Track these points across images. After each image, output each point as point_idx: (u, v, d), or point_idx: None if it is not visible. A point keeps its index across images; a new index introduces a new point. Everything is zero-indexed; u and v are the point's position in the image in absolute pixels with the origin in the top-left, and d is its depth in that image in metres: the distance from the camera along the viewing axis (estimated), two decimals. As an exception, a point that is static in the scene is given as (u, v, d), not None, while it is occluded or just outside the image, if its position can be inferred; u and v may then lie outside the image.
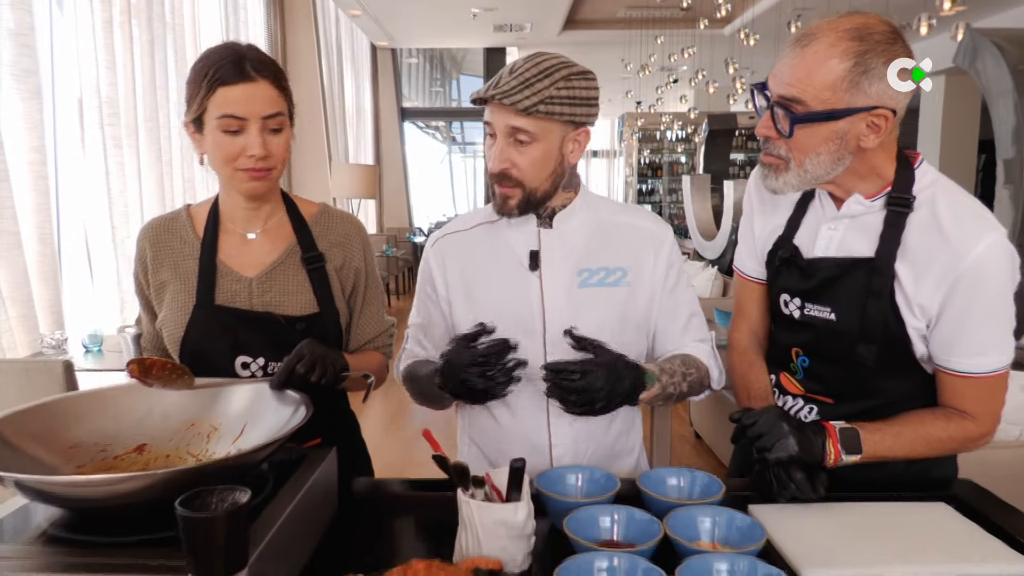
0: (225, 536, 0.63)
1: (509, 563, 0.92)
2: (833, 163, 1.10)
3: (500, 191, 1.22)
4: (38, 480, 0.76)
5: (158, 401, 1.04)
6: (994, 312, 1.08)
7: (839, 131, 1.07)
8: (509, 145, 1.19)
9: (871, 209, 1.14)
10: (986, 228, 1.07)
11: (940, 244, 1.08)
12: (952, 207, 1.10)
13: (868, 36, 1.03)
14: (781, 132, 1.09)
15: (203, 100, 1.13)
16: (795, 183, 1.13)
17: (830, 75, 1.04)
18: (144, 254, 1.27)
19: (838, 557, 0.96)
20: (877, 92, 1.04)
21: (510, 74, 1.16)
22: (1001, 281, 1.07)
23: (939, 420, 1.14)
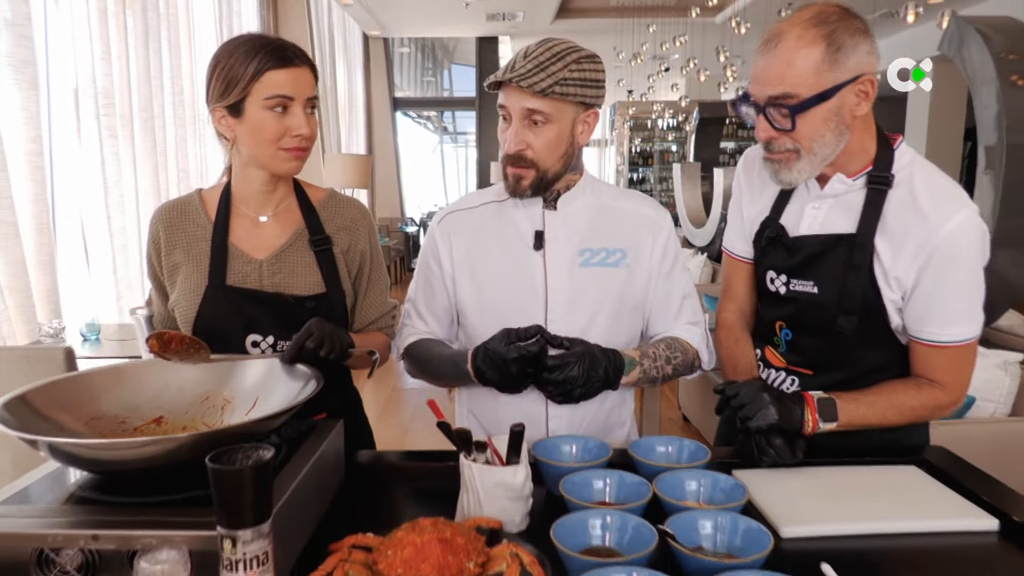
0: (252, 488, 0.69)
1: (508, 523, 0.98)
2: (837, 140, 1.16)
3: (513, 172, 1.28)
4: (70, 443, 0.82)
5: (174, 376, 1.10)
6: (964, 284, 1.15)
7: (833, 108, 1.14)
8: (524, 127, 1.25)
9: (852, 188, 1.21)
10: (959, 205, 1.13)
11: (916, 220, 1.15)
12: (928, 185, 1.17)
13: (827, 19, 1.11)
14: (782, 128, 1.15)
15: (248, 84, 1.19)
16: (809, 170, 1.19)
17: (810, 62, 1.10)
18: (157, 236, 1.32)
19: (814, 515, 1.02)
20: (855, 63, 1.12)
21: (524, 58, 1.22)
22: (971, 255, 1.14)
23: (910, 389, 1.20)
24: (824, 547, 0.95)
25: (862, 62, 1.12)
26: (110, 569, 0.80)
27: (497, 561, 0.84)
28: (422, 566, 0.80)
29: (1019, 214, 3.01)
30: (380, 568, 0.82)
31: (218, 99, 1.22)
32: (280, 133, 1.22)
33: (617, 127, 14.36)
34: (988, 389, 2.55)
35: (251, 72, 1.18)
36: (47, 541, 0.78)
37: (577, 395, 1.21)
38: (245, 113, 1.21)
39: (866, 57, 1.13)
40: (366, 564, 0.84)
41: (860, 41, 1.12)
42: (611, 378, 1.23)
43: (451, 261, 1.39)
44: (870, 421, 1.19)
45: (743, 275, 1.41)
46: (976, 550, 0.99)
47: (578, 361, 1.19)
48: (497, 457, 1.02)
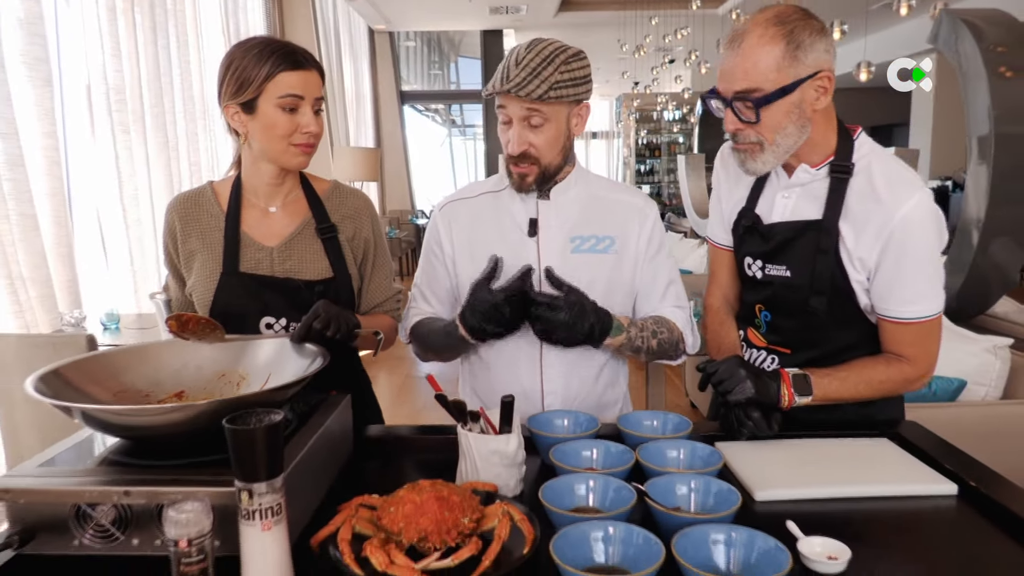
0: (264, 446, 0.77)
1: (503, 487, 1.06)
2: (799, 132, 1.24)
3: (518, 170, 1.36)
4: (103, 409, 0.91)
5: (193, 355, 1.18)
6: (922, 264, 1.23)
7: (795, 102, 1.21)
8: (525, 129, 1.33)
9: (817, 177, 1.29)
10: (913, 190, 1.21)
11: (875, 205, 1.22)
12: (885, 172, 1.24)
13: (787, 19, 1.18)
14: (747, 121, 1.23)
15: (262, 83, 1.27)
16: (772, 160, 1.27)
17: (771, 58, 1.18)
18: (173, 226, 1.41)
19: (786, 480, 1.10)
20: (813, 59, 1.19)
21: (516, 65, 1.29)
22: (926, 236, 1.22)
23: (880, 364, 1.28)
24: (794, 509, 1.03)
25: (820, 59, 1.20)
26: (140, 524, 0.89)
27: (490, 518, 0.93)
28: (421, 520, 0.88)
29: (1010, 203, 3.06)
30: (384, 523, 0.90)
31: (232, 97, 1.30)
32: (291, 130, 1.30)
33: (623, 119, 14.39)
34: (979, 373, 2.62)
35: (265, 73, 1.27)
36: (84, 497, 0.87)
37: (557, 338, 1.29)
38: (258, 111, 1.29)
39: (823, 55, 1.20)
40: (371, 520, 0.92)
41: (817, 40, 1.19)
42: (596, 334, 1.30)
43: (452, 245, 1.48)
44: (843, 395, 1.26)
45: (725, 262, 1.49)
46: (936, 512, 1.06)
47: (568, 308, 1.27)
48: (491, 427, 1.10)
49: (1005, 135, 3.02)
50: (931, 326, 1.26)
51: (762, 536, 0.83)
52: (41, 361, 2.55)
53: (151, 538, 0.89)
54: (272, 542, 0.79)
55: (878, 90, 12.03)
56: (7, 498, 0.87)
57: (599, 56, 11.94)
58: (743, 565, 0.82)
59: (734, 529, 0.85)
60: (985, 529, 1.01)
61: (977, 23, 3.01)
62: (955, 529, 1.02)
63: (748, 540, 0.83)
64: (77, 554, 0.89)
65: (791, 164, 1.31)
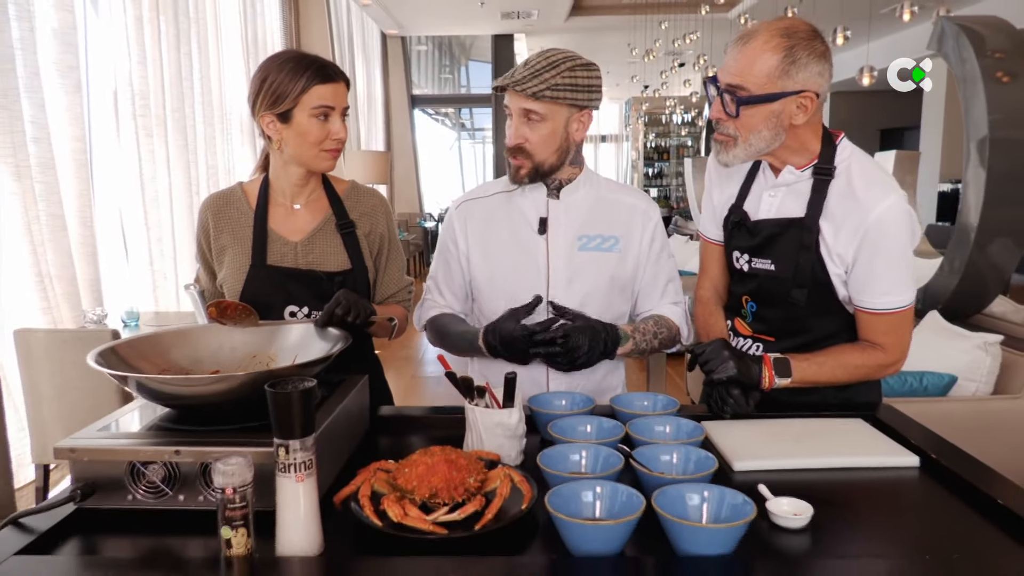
0: (300, 407, 0.89)
1: (505, 457, 1.18)
2: (772, 138, 1.35)
3: (514, 163, 1.50)
4: (155, 379, 1.03)
5: (227, 338, 1.31)
6: (895, 259, 1.34)
7: (775, 111, 1.32)
8: (522, 124, 1.46)
9: (801, 178, 1.40)
10: (887, 191, 1.32)
11: (852, 205, 1.33)
12: (863, 175, 1.35)
13: (794, 34, 1.28)
14: (729, 114, 1.34)
15: (298, 96, 1.41)
16: (742, 156, 1.38)
17: (766, 65, 1.29)
18: (206, 223, 1.54)
19: (763, 452, 1.21)
20: (803, 78, 1.29)
21: (523, 67, 1.43)
22: (898, 234, 1.33)
23: (855, 350, 1.39)
24: (768, 478, 1.13)
25: (810, 80, 1.30)
26: (186, 482, 1.01)
27: (493, 480, 1.04)
28: (432, 479, 1.00)
29: (1006, 205, 3.15)
30: (399, 482, 1.02)
31: (268, 107, 1.43)
32: (323, 137, 1.44)
33: (632, 122, 14.48)
34: (971, 369, 2.70)
35: (301, 86, 1.41)
36: (139, 456, 0.99)
37: (581, 363, 1.42)
38: (293, 120, 1.43)
39: (815, 77, 1.31)
40: (387, 481, 1.04)
41: (814, 62, 1.30)
42: (609, 348, 1.44)
43: (466, 242, 1.60)
44: (821, 378, 1.37)
45: (716, 256, 1.60)
46: (898, 481, 1.17)
47: (582, 333, 1.40)
48: (495, 402, 1.22)
49: (1001, 139, 3.12)
50: (903, 316, 1.37)
51: (731, 492, 0.94)
52: (68, 355, 2.70)
53: (195, 494, 1.01)
54: (304, 492, 0.91)
55: (890, 93, 12.08)
56: (73, 457, 0.99)
57: (609, 60, 12.05)
58: (715, 516, 0.93)
59: (707, 487, 0.96)
60: (943, 495, 1.11)
61: (975, 29, 3.10)
62: (915, 496, 1.13)
63: (719, 496, 0.94)
64: (130, 508, 1.02)
65: (777, 166, 1.43)
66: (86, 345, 2.68)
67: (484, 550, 0.93)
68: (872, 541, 0.98)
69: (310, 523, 0.92)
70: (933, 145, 9.44)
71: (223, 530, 0.88)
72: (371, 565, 0.90)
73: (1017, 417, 2.59)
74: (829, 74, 1.33)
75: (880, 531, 1.01)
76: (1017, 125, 3.06)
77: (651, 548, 0.93)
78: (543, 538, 0.98)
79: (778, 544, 0.96)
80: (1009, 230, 3.22)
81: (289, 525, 0.91)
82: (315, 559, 0.91)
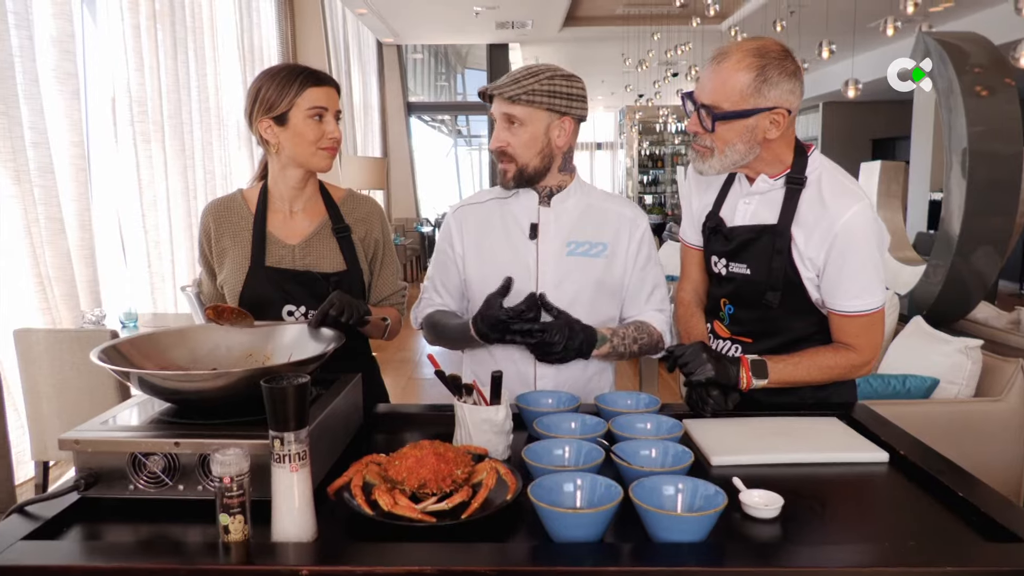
0: (294, 401, 0.94)
1: (493, 452, 1.23)
2: (746, 152, 1.41)
3: (500, 166, 1.58)
4: (156, 374, 1.08)
5: (223, 338, 1.36)
6: (863, 263, 1.40)
7: (749, 127, 1.38)
8: (504, 128, 1.54)
9: (774, 187, 1.46)
10: (853, 200, 1.38)
11: (822, 212, 1.39)
12: (831, 184, 1.41)
13: (767, 54, 1.35)
14: (706, 128, 1.40)
15: (294, 98, 1.49)
16: (718, 167, 1.45)
17: (739, 83, 1.35)
18: (208, 227, 1.59)
19: (739, 448, 1.26)
20: (775, 96, 1.35)
21: (507, 77, 1.52)
22: (865, 239, 1.39)
23: (829, 352, 1.44)
24: (743, 472, 1.18)
25: (782, 98, 1.37)
26: (185, 472, 1.06)
27: (480, 472, 1.09)
28: (421, 471, 1.05)
29: (987, 214, 3.22)
30: (389, 474, 1.07)
31: (265, 113, 1.50)
32: (319, 136, 1.51)
33: (626, 131, 14.58)
34: (952, 373, 2.77)
35: (295, 91, 1.49)
36: (141, 447, 1.04)
37: (555, 357, 1.47)
38: (290, 122, 1.50)
39: (787, 94, 1.37)
40: (379, 473, 1.09)
41: (785, 80, 1.36)
42: (584, 348, 1.49)
43: (462, 245, 1.66)
44: (796, 378, 1.43)
45: (696, 261, 1.66)
46: (867, 476, 1.22)
47: (559, 329, 1.46)
48: (483, 399, 1.27)
49: (981, 151, 3.19)
50: (874, 318, 1.43)
51: (704, 484, 0.99)
52: (66, 355, 2.74)
53: (194, 484, 1.06)
54: (298, 481, 0.95)
55: (880, 104, 12.22)
56: (77, 448, 1.04)
57: (603, 69, 12.15)
58: (688, 506, 0.98)
59: (682, 479, 1.01)
60: (908, 489, 1.16)
61: (955, 44, 3.18)
62: (882, 489, 1.18)
63: (693, 487, 0.99)
64: (131, 497, 1.06)
65: (751, 175, 1.48)
66: (85, 345, 2.76)
67: (469, 537, 0.98)
68: (838, 530, 1.03)
69: (304, 511, 0.96)
70: (923, 155, 9.55)
71: (221, 517, 0.93)
72: (362, 550, 0.94)
73: (997, 419, 2.65)
74: (800, 91, 1.40)
75: (846, 521, 1.07)
76: (995, 137, 3.14)
77: (628, 536, 0.98)
78: (527, 527, 1.03)
79: (749, 533, 1.02)
80: (990, 238, 3.29)
81: (284, 513, 0.95)
82: (309, 544, 0.96)
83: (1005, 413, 2.66)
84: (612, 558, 0.91)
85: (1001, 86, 3.12)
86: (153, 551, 0.95)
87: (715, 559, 0.90)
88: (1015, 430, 2.67)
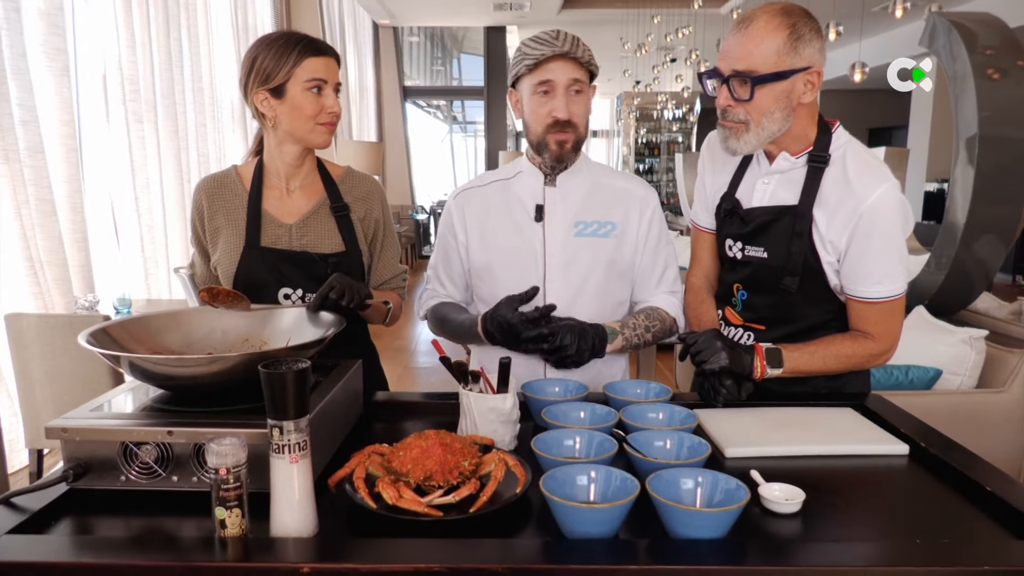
0: (293, 388, 0.89)
1: (499, 442, 1.18)
2: (783, 119, 1.35)
3: (559, 137, 1.47)
4: (147, 359, 1.02)
5: (219, 322, 1.30)
6: (887, 248, 1.35)
7: (786, 90, 1.33)
8: (570, 96, 1.45)
9: (796, 165, 1.40)
10: (881, 180, 1.33)
11: (846, 193, 1.34)
12: (857, 163, 1.36)
13: (793, 12, 1.31)
14: (740, 98, 1.34)
15: (291, 69, 1.40)
16: (754, 142, 1.38)
17: (774, 43, 1.30)
18: (200, 205, 1.53)
19: (753, 439, 1.22)
20: (809, 54, 1.31)
21: (555, 38, 1.43)
22: (891, 222, 1.33)
23: (847, 340, 1.40)
24: (759, 464, 1.14)
25: (814, 56, 1.32)
26: (179, 463, 1.01)
27: (487, 463, 1.05)
28: (426, 462, 1.00)
29: (994, 202, 3.18)
30: (393, 465, 1.02)
31: (261, 84, 1.42)
32: (317, 110, 1.44)
33: (623, 117, 14.48)
34: (956, 363, 2.74)
35: (293, 60, 1.41)
36: (133, 436, 0.99)
37: (570, 361, 1.43)
38: (287, 94, 1.43)
39: (817, 53, 1.33)
40: (382, 464, 1.04)
41: (815, 38, 1.32)
42: (597, 347, 1.45)
43: (464, 231, 1.60)
44: (812, 367, 1.38)
45: (707, 244, 1.61)
46: (888, 469, 1.18)
47: (568, 331, 1.41)
48: (489, 387, 1.22)
49: (991, 136, 3.14)
50: (894, 306, 1.38)
51: (724, 477, 0.95)
52: (59, 340, 2.68)
53: (189, 475, 1.01)
54: (299, 473, 0.90)
55: (878, 92, 12.15)
56: (65, 436, 0.99)
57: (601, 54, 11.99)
58: (708, 501, 0.94)
59: (701, 472, 0.97)
60: (928, 482, 1.13)
61: (967, 26, 3.12)
62: (904, 483, 1.14)
63: (713, 481, 0.95)
64: (123, 489, 1.01)
65: (772, 152, 1.43)
66: (77, 330, 2.63)
67: (478, 532, 0.94)
68: (863, 526, 0.99)
69: (304, 504, 0.92)
70: (920, 144, 9.50)
71: (217, 510, 0.88)
72: (365, 546, 0.90)
73: (1000, 410, 2.62)
74: (825, 52, 1.36)
75: (870, 516, 1.02)
76: (1006, 122, 3.08)
77: (643, 531, 0.94)
78: (536, 521, 0.98)
79: (769, 528, 0.97)
80: (996, 227, 3.25)
81: (283, 506, 0.91)
82: (309, 539, 0.91)
83: (1008, 404, 2.63)
84: (631, 555, 0.87)
85: (1014, 68, 3.06)
86: (145, 546, 0.90)
87: (738, 556, 0.86)
88: (1018, 421, 2.64)
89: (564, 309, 1.53)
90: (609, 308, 1.57)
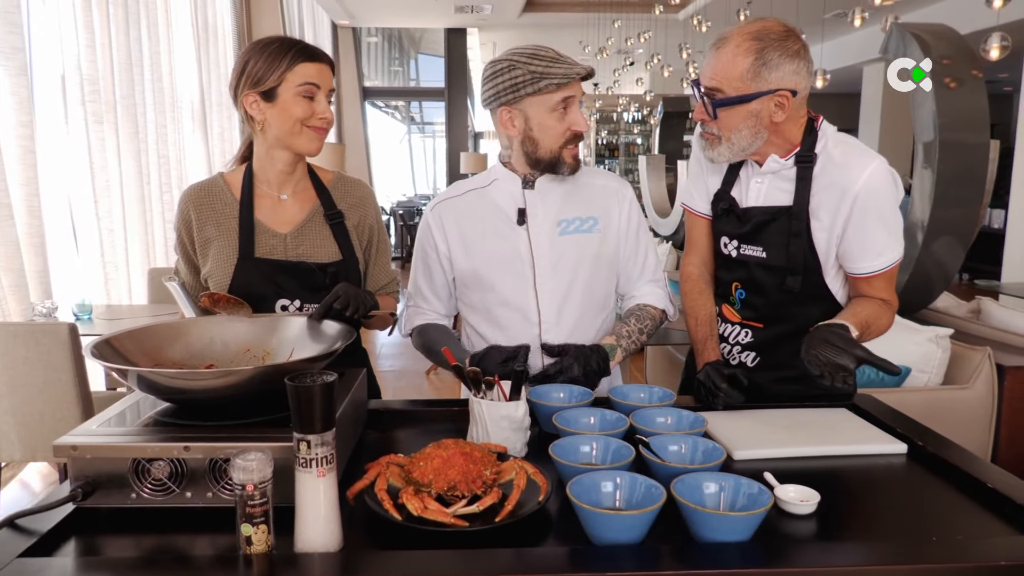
0: (321, 401, 0.87)
1: (511, 449, 1.18)
2: (753, 137, 1.39)
3: (574, 151, 1.51)
4: (156, 372, 0.99)
5: (219, 332, 1.27)
6: (884, 220, 1.39)
7: (753, 111, 1.36)
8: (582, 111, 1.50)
9: (785, 166, 1.45)
10: (869, 159, 1.38)
11: (837, 178, 1.39)
12: (842, 150, 1.41)
13: (765, 36, 1.33)
14: (709, 115, 1.39)
15: (283, 73, 1.38)
16: (727, 154, 1.43)
17: (738, 69, 1.33)
18: (188, 216, 1.48)
19: (761, 441, 1.25)
20: (776, 78, 1.34)
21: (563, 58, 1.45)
22: (887, 195, 1.38)
23: (875, 306, 1.41)
24: (768, 466, 1.17)
25: (784, 80, 1.34)
26: (193, 478, 0.98)
27: (507, 472, 1.04)
28: (449, 472, 1.00)
29: (952, 205, 3.30)
30: (414, 476, 1.01)
31: (252, 87, 1.39)
32: (308, 115, 1.41)
33: (583, 119, 14.57)
34: (923, 361, 2.83)
35: (286, 64, 1.38)
36: (145, 452, 0.96)
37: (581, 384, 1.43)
38: (278, 98, 1.40)
39: (790, 75, 1.35)
40: (401, 475, 1.03)
41: (787, 62, 1.34)
42: (602, 366, 1.47)
43: (446, 243, 1.59)
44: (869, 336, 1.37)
45: (704, 229, 1.63)
46: (889, 468, 1.22)
47: (575, 361, 1.43)
48: (502, 394, 1.21)
49: (948, 142, 3.26)
50: (895, 269, 1.43)
51: (746, 481, 0.96)
52: (19, 350, 2.58)
53: (203, 491, 0.98)
54: (326, 487, 0.89)
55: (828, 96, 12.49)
56: (75, 454, 0.95)
57: (561, 57, 12.06)
58: (731, 504, 0.96)
59: (722, 477, 0.98)
60: (930, 480, 1.16)
61: (924, 36, 3.23)
62: (905, 480, 1.18)
63: (735, 485, 0.97)
64: (133, 507, 0.98)
65: (759, 160, 1.46)
66: (37, 339, 2.59)
67: (500, 542, 0.93)
68: (877, 525, 1.01)
69: (330, 518, 0.90)
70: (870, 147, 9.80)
71: (243, 527, 0.86)
72: (392, 559, 0.88)
73: (965, 407, 2.72)
74: (807, 70, 1.38)
75: (880, 516, 1.05)
76: (963, 128, 3.21)
77: (665, 536, 0.95)
78: (558, 529, 0.99)
79: (787, 529, 0.99)
80: (954, 230, 3.37)
81: (310, 521, 0.89)
82: (336, 555, 0.89)
83: (973, 401, 2.74)
84: (658, 561, 0.88)
85: (969, 78, 3.19)
86: (160, 566, 0.87)
87: (764, 559, 0.88)
88: (983, 417, 2.75)
89: (556, 307, 1.55)
90: (598, 301, 1.60)
